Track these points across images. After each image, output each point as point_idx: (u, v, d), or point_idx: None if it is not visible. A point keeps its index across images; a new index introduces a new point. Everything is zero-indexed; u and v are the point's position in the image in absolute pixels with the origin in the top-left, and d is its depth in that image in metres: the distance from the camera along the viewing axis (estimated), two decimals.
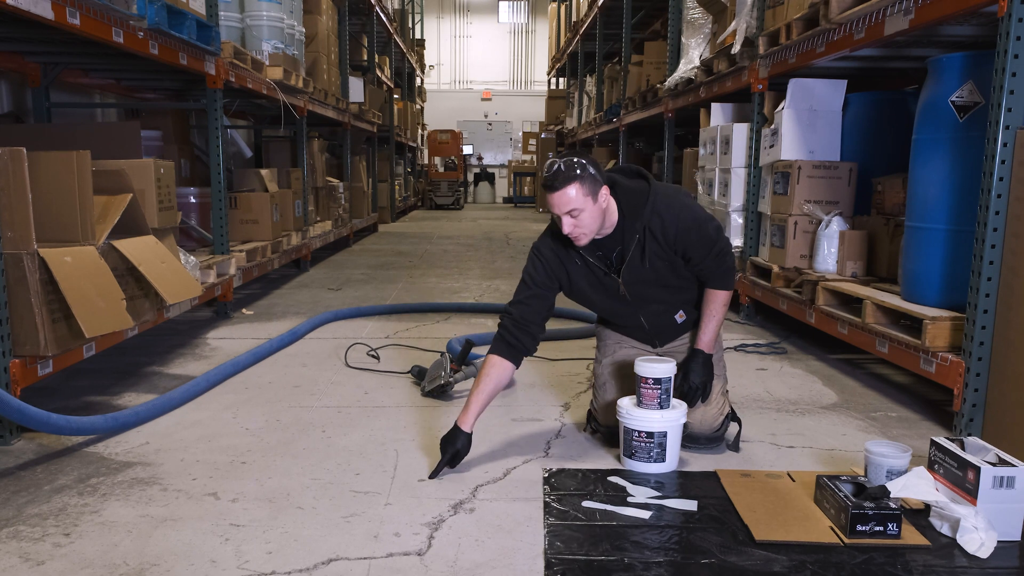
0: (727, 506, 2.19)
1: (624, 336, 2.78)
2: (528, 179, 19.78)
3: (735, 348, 4.11)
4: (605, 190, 2.39)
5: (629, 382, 2.64)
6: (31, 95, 4.89)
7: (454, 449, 2.42)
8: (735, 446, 2.66)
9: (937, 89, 3.14)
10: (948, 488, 2.08)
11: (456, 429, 2.45)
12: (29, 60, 4.74)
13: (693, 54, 6.00)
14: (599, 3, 10.41)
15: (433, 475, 2.41)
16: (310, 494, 2.28)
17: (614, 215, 2.46)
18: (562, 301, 2.68)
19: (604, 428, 2.71)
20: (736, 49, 4.75)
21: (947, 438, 2.15)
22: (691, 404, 2.58)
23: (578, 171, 2.32)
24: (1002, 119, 2.55)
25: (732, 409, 2.70)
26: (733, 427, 2.70)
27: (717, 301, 2.60)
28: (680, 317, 2.67)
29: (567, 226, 2.36)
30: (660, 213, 2.44)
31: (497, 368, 2.51)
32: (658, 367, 2.42)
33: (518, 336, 2.50)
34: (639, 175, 2.58)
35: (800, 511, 2.13)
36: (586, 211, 2.35)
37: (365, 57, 11.29)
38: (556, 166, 2.35)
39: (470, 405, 2.46)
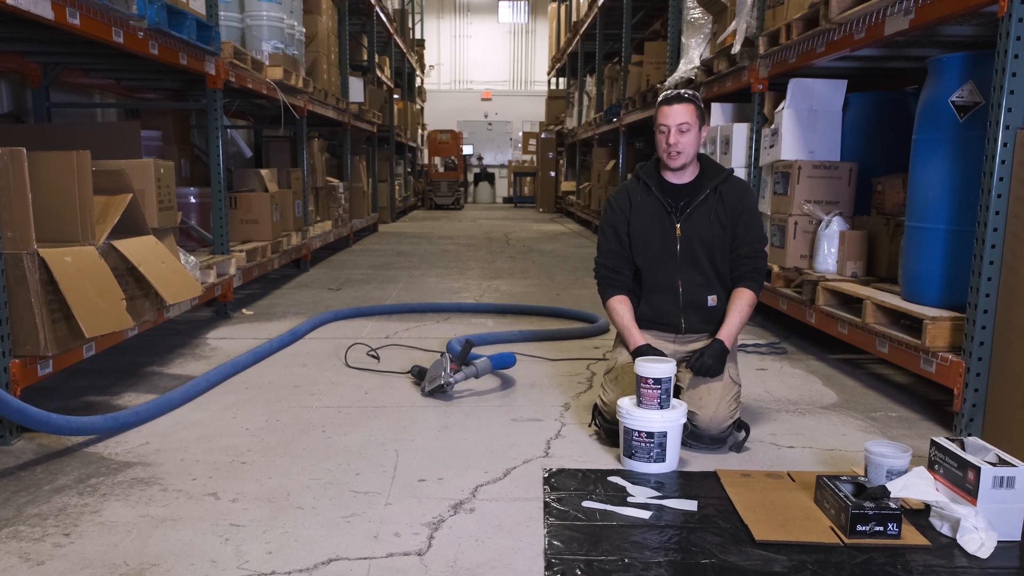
0: (727, 506, 2.19)
1: (645, 335, 2.80)
2: (528, 179, 19.79)
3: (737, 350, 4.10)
4: (706, 129, 2.76)
5: None
6: (31, 95, 4.89)
7: (650, 349, 2.68)
8: (739, 448, 2.66)
9: (937, 89, 3.14)
10: (948, 488, 2.08)
11: (639, 347, 2.69)
12: (29, 60, 4.74)
13: (693, 54, 6.00)
14: (599, 3, 10.42)
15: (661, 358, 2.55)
16: (310, 494, 2.27)
17: (698, 167, 2.80)
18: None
19: (609, 424, 2.71)
20: (736, 49, 4.75)
21: (947, 438, 2.15)
22: (697, 393, 2.63)
23: (695, 98, 2.71)
24: (1002, 119, 2.55)
25: (740, 418, 2.70)
26: (738, 433, 2.70)
27: (744, 300, 2.74)
28: (712, 300, 2.78)
29: (673, 135, 2.68)
30: (733, 184, 2.79)
31: (623, 303, 2.82)
32: (658, 367, 2.42)
33: (617, 279, 2.84)
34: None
35: (800, 511, 2.13)
36: (692, 131, 2.69)
37: (365, 57, 11.29)
38: (678, 91, 2.73)
39: (631, 330, 2.76)
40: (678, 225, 2.75)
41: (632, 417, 2.43)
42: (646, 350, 2.68)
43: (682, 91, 2.74)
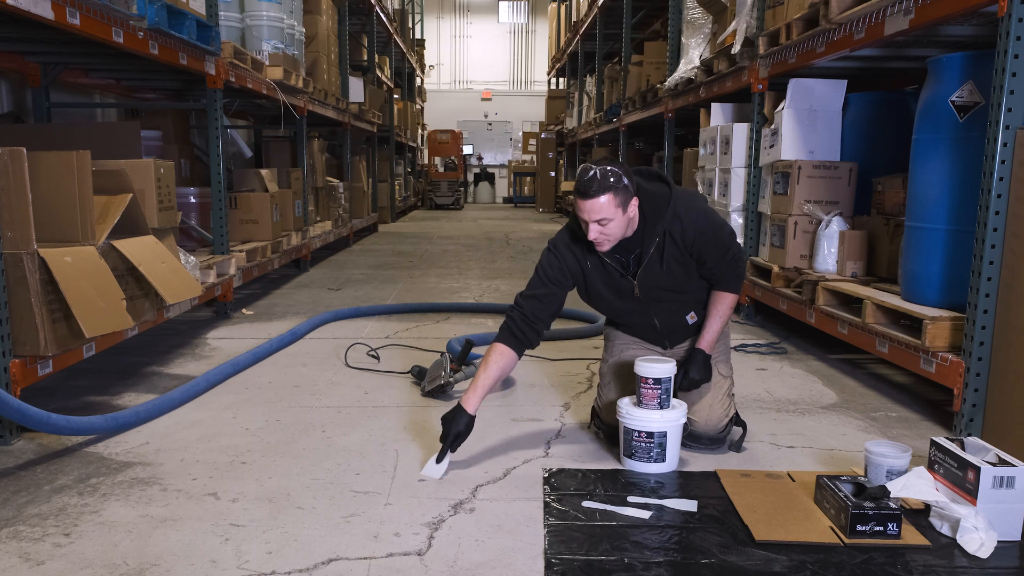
0: (727, 506, 2.18)
1: (633, 338, 2.79)
2: (528, 179, 19.79)
3: (735, 348, 4.10)
4: (635, 201, 2.42)
5: (633, 382, 2.63)
6: (31, 95, 4.89)
7: (457, 428, 2.42)
8: (737, 447, 2.66)
9: (937, 89, 3.14)
10: (948, 488, 2.08)
11: (459, 408, 2.44)
12: (29, 60, 4.74)
13: (693, 54, 6.00)
14: (599, 3, 10.41)
15: (439, 459, 2.41)
16: (310, 494, 2.27)
17: (636, 220, 2.49)
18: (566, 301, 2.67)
19: (606, 426, 2.71)
20: (736, 49, 4.75)
21: (947, 438, 2.15)
22: (687, 399, 2.60)
23: (612, 180, 2.34)
24: (1002, 119, 2.55)
25: (737, 413, 2.70)
26: (736, 430, 2.70)
27: (723, 303, 2.62)
28: (692, 318, 2.68)
29: (593, 233, 2.39)
30: (680, 216, 2.47)
31: (503, 357, 2.52)
32: (658, 367, 2.42)
33: (524, 331, 2.53)
34: (659, 178, 2.61)
35: (800, 511, 2.13)
36: (615, 220, 2.38)
37: (365, 57, 11.29)
38: (592, 172, 2.35)
39: (475, 388, 2.46)
40: (635, 283, 2.55)
41: (632, 417, 2.43)
42: (465, 420, 2.42)
43: (599, 172, 2.34)
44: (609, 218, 2.36)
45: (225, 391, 3.29)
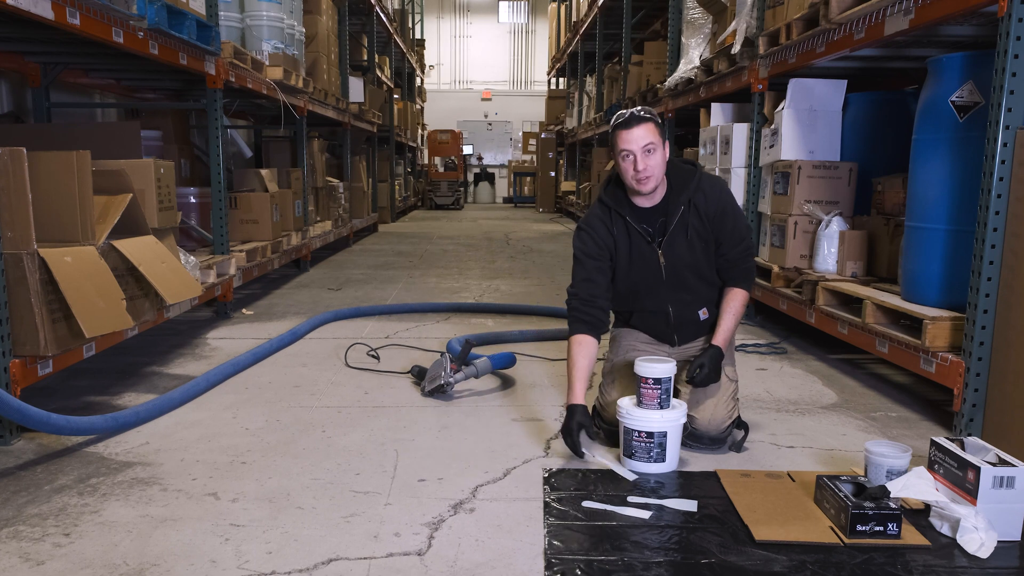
0: (727, 506, 2.18)
1: (640, 338, 2.80)
2: (528, 179, 19.78)
3: (735, 348, 4.10)
4: (667, 146, 2.57)
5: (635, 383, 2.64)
6: (31, 95, 4.89)
7: (578, 423, 2.49)
8: (738, 447, 2.66)
9: (937, 89, 3.14)
10: (948, 488, 2.08)
11: (573, 407, 2.52)
12: (29, 60, 4.74)
13: (693, 54, 6.00)
14: (599, 3, 10.41)
15: (579, 455, 2.49)
16: (310, 494, 2.27)
17: (665, 184, 2.62)
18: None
19: (607, 425, 2.71)
20: (736, 49, 4.75)
21: (947, 438, 2.15)
22: (692, 398, 2.62)
23: (649, 114, 2.52)
24: (1002, 119, 2.55)
25: (739, 415, 2.70)
26: (737, 432, 2.70)
27: (737, 301, 2.68)
28: (703, 314, 2.73)
29: (641, 161, 2.49)
30: (704, 190, 2.62)
31: (585, 345, 2.60)
32: (658, 367, 2.42)
33: (590, 312, 2.62)
34: (687, 161, 2.77)
35: (800, 511, 2.13)
36: (658, 151, 2.51)
37: (365, 57, 11.29)
38: (628, 110, 2.54)
39: (574, 383, 2.55)
40: (660, 252, 2.63)
41: (632, 417, 2.43)
42: (579, 412, 2.51)
43: (636, 110, 2.53)
44: (654, 143, 2.49)
45: (225, 391, 3.29)
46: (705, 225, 2.61)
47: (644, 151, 2.48)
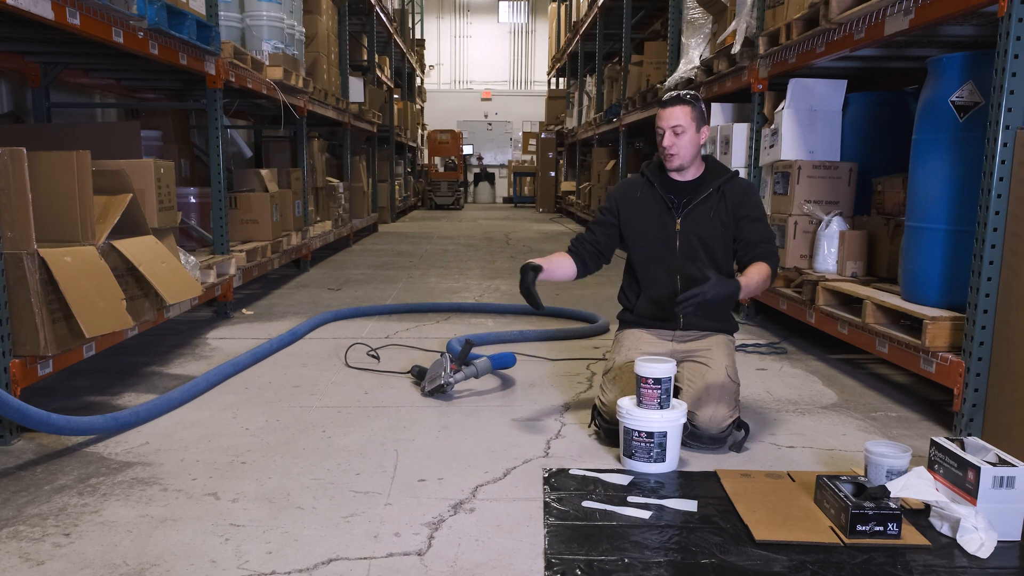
0: (727, 506, 2.18)
1: (643, 337, 2.82)
2: (528, 179, 19.79)
3: (736, 348, 4.10)
4: (706, 129, 2.78)
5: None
6: (31, 95, 4.89)
7: (532, 267, 2.65)
8: (739, 448, 2.66)
9: (937, 89, 3.14)
10: (948, 488, 2.08)
11: (528, 264, 2.67)
12: (29, 60, 4.74)
13: (693, 54, 6.00)
14: (599, 3, 10.41)
15: (539, 307, 2.66)
16: (310, 494, 2.27)
17: (701, 166, 2.82)
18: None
19: (609, 424, 2.71)
20: (736, 49, 4.75)
21: (947, 438, 2.15)
22: (694, 397, 2.61)
23: (691, 98, 2.73)
24: (1002, 119, 2.55)
25: (740, 416, 2.70)
26: (738, 433, 2.69)
27: (763, 268, 2.63)
28: None
29: (667, 139, 2.71)
30: (736, 184, 2.80)
31: (567, 259, 2.84)
32: (658, 367, 2.42)
33: (581, 247, 2.86)
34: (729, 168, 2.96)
35: (800, 511, 2.13)
36: (688, 133, 2.70)
37: (365, 57, 11.29)
38: (676, 92, 2.77)
39: (548, 258, 2.78)
40: (678, 220, 2.77)
41: (632, 417, 2.43)
42: (529, 265, 2.68)
43: (682, 92, 2.76)
44: (683, 127, 2.69)
45: (225, 391, 3.29)
46: (729, 213, 2.74)
47: (672, 131, 2.70)
